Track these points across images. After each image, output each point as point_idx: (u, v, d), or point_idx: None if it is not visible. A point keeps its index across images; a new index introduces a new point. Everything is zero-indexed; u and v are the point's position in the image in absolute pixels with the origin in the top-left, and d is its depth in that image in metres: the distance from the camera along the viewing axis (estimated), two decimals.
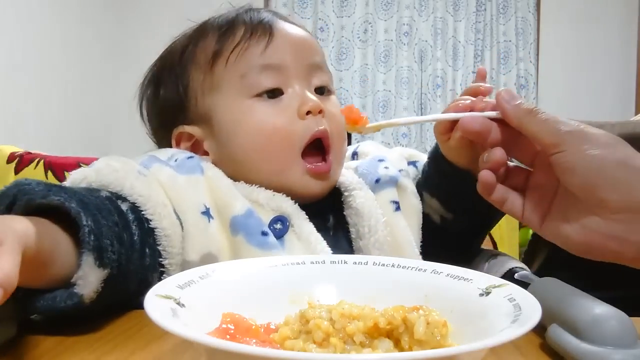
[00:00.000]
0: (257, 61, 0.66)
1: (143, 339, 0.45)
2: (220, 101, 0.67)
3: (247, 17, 0.69)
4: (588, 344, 0.38)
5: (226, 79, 0.67)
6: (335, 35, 3.68)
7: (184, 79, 0.70)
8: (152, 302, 0.35)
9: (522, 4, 3.65)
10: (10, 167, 0.97)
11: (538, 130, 0.50)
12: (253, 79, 0.66)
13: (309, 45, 0.70)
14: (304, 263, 0.47)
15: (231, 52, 0.67)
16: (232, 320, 0.38)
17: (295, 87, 0.66)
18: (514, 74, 3.65)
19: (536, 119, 0.50)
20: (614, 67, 3.64)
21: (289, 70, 0.67)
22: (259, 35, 0.67)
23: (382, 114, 3.64)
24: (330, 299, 0.43)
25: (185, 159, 0.64)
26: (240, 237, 0.59)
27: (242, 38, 0.67)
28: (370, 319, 0.37)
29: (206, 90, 0.68)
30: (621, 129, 1.25)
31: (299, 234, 0.62)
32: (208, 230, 0.59)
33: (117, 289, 0.49)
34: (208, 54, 0.68)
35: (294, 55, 0.67)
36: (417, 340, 0.36)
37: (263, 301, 0.43)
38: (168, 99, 0.71)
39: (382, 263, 0.47)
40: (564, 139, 0.48)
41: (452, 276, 0.44)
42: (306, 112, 0.64)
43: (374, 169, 0.72)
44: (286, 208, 0.63)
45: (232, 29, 0.68)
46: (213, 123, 0.68)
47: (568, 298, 0.44)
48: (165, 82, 0.72)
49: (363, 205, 0.66)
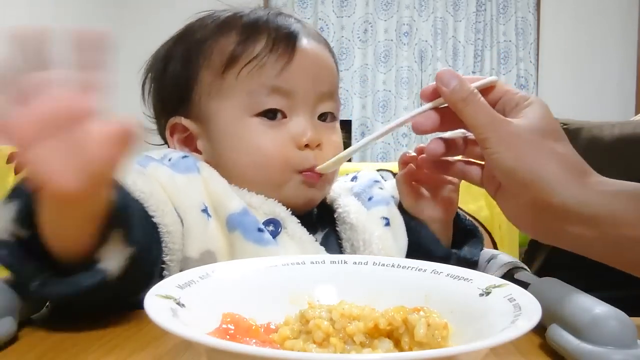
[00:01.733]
0: (269, 82, 0.65)
1: (143, 339, 0.45)
2: (223, 109, 0.66)
3: (274, 25, 0.67)
4: (588, 344, 0.38)
5: (234, 90, 0.66)
6: (335, 35, 3.68)
7: (194, 73, 0.68)
8: (152, 302, 0.35)
9: (522, 4, 3.65)
10: (10, 167, 0.97)
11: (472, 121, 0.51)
12: (260, 98, 0.65)
13: (325, 73, 0.69)
14: (304, 263, 0.47)
15: (246, 64, 0.65)
16: (232, 320, 0.38)
17: (300, 114, 0.66)
18: (514, 74, 3.65)
19: (471, 108, 0.50)
20: (614, 67, 3.64)
21: (298, 97, 0.66)
22: (279, 54, 0.65)
23: (382, 114, 3.65)
24: (330, 299, 0.43)
25: (179, 158, 0.64)
26: (237, 233, 0.59)
27: (261, 51, 0.65)
28: (371, 320, 0.37)
29: (212, 92, 0.67)
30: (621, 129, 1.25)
31: (292, 235, 0.63)
32: (207, 228, 0.59)
33: (138, 272, 0.49)
34: (223, 57, 0.66)
35: (308, 82, 0.66)
36: (417, 342, 0.36)
37: (263, 301, 0.43)
38: (175, 84, 0.70)
39: (382, 263, 0.47)
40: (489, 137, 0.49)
41: (452, 276, 0.44)
42: (305, 144, 0.65)
43: (368, 188, 0.73)
44: (279, 212, 0.64)
45: (255, 35, 0.66)
46: (211, 127, 0.67)
47: (568, 298, 0.44)
48: (175, 65, 0.70)
49: (357, 220, 0.67)
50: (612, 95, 3.63)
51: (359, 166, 0.94)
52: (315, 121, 0.68)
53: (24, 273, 0.46)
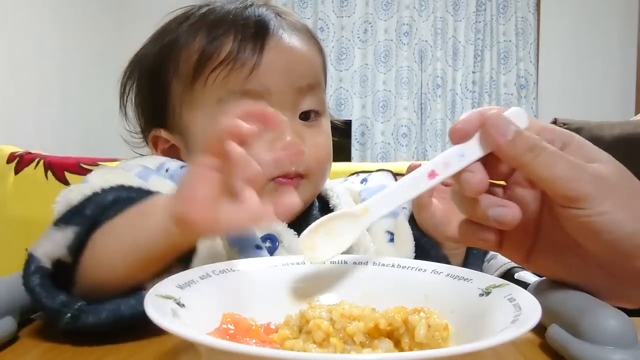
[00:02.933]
0: (238, 87, 0.61)
1: (143, 339, 0.45)
2: (196, 120, 0.63)
3: (242, 20, 0.63)
4: (588, 344, 0.38)
5: (203, 99, 0.62)
6: (335, 35, 3.68)
7: (167, 83, 0.65)
8: (152, 302, 0.35)
9: (522, 4, 3.65)
10: (10, 167, 0.97)
11: (550, 175, 0.39)
12: (231, 105, 0.60)
13: (304, 66, 0.64)
14: (304, 263, 0.47)
15: (212, 70, 0.61)
16: (232, 320, 0.38)
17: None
18: (514, 74, 3.65)
19: (544, 159, 0.39)
20: (614, 67, 3.64)
21: (272, 98, 0.61)
22: (247, 55, 0.60)
23: (382, 114, 3.65)
24: (330, 299, 0.43)
25: (178, 168, 0.61)
26: (235, 250, 0.58)
27: (227, 55, 0.60)
28: (371, 320, 0.37)
29: (185, 104, 0.64)
30: (621, 129, 1.25)
31: (289, 249, 0.61)
32: (214, 244, 0.58)
33: None
34: (190, 65, 0.63)
35: (282, 80, 0.62)
36: (417, 343, 0.36)
37: (263, 301, 0.43)
38: (151, 94, 0.67)
39: (382, 263, 0.47)
40: (587, 192, 0.38)
41: (452, 276, 0.44)
42: (281, 149, 0.60)
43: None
44: (275, 227, 0.61)
45: (220, 37, 0.62)
46: (189, 139, 0.65)
47: (568, 298, 0.44)
48: (148, 75, 0.67)
49: None
50: (612, 95, 3.63)
51: (360, 166, 0.93)
52: (296, 122, 0.63)
53: (54, 306, 0.44)
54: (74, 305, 0.44)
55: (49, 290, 0.45)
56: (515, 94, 3.66)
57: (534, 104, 3.64)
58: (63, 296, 0.44)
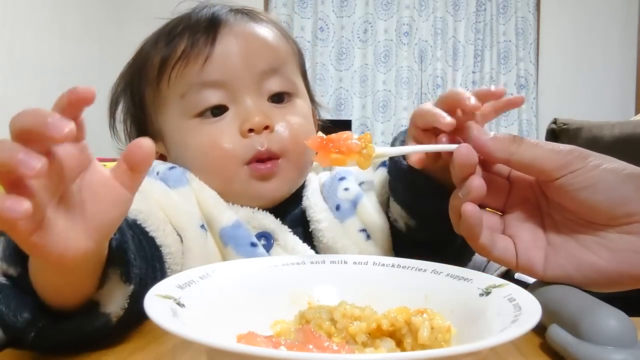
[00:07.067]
0: (195, 79, 0.62)
1: (143, 339, 0.45)
2: (167, 121, 0.65)
3: (194, 20, 0.64)
4: (588, 344, 0.38)
5: (169, 99, 0.64)
6: (335, 35, 3.68)
7: (141, 92, 0.67)
8: (152, 302, 0.35)
9: (522, 4, 3.65)
10: None
11: (535, 157, 0.45)
12: (193, 98, 0.62)
13: (262, 51, 0.64)
14: (304, 263, 0.47)
15: (172, 68, 0.63)
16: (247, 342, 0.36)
17: (243, 100, 0.62)
18: (514, 74, 3.65)
19: (525, 146, 0.46)
20: (614, 67, 3.64)
21: (234, 84, 0.62)
22: (200, 47, 0.62)
23: (382, 114, 3.65)
24: (330, 299, 0.43)
25: (167, 170, 0.62)
26: (229, 248, 0.58)
27: (182, 52, 0.62)
28: (373, 321, 0.37)
29: (156, 107, 0.66)
30: (621, 129, 1.25)
31: (285, 247, 0.60)
32: (207, 244, 0.58)
33: (137, 305, 0.41)
34: (154, 69, 0.65)
35: (239, 64, 0.62)
36: (420, 345, 0.36)
37: (263, 301, 0.43)
38: (134, 106, 0.69)
39: (382, 263, 0.47)
40: (570, 159, 0.44)
41: (452, 276, 0.44)
42: (248, 129, 0.61)
43: (333, 192, 0.65)
44: (268, 224, 0.61)
45: (176, 37, 0.64)
46: (167, 142, 0.66)
47: (568, 298, 0.44)
48: (129, 91, 0.69)
49: (334, 240, 0.61)
50: (612, 95, 3.63)
51: None
52: (264, 104, 0.63)
53: (18, 325, 0.41)
54: (37, 324, 0.41)
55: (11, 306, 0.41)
56: (515, 94, 3.66)
57: (534, 104, 3.64)
58: (24, 316, 0.41)
